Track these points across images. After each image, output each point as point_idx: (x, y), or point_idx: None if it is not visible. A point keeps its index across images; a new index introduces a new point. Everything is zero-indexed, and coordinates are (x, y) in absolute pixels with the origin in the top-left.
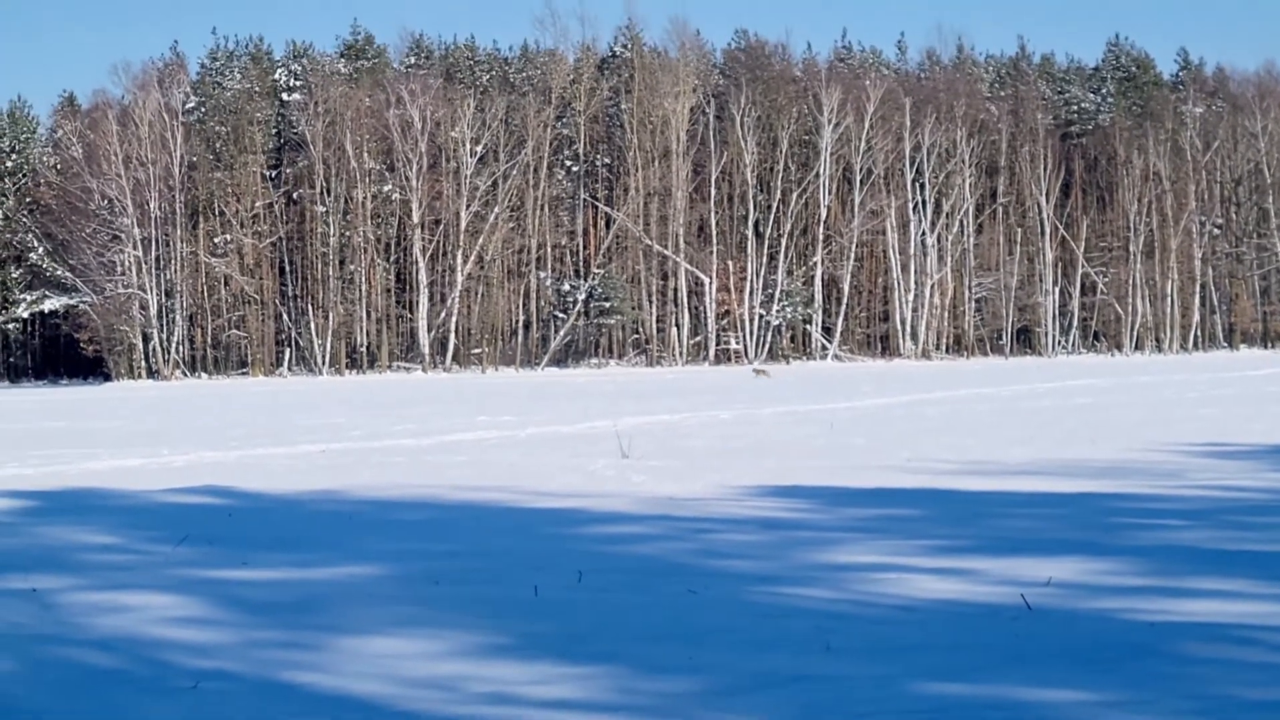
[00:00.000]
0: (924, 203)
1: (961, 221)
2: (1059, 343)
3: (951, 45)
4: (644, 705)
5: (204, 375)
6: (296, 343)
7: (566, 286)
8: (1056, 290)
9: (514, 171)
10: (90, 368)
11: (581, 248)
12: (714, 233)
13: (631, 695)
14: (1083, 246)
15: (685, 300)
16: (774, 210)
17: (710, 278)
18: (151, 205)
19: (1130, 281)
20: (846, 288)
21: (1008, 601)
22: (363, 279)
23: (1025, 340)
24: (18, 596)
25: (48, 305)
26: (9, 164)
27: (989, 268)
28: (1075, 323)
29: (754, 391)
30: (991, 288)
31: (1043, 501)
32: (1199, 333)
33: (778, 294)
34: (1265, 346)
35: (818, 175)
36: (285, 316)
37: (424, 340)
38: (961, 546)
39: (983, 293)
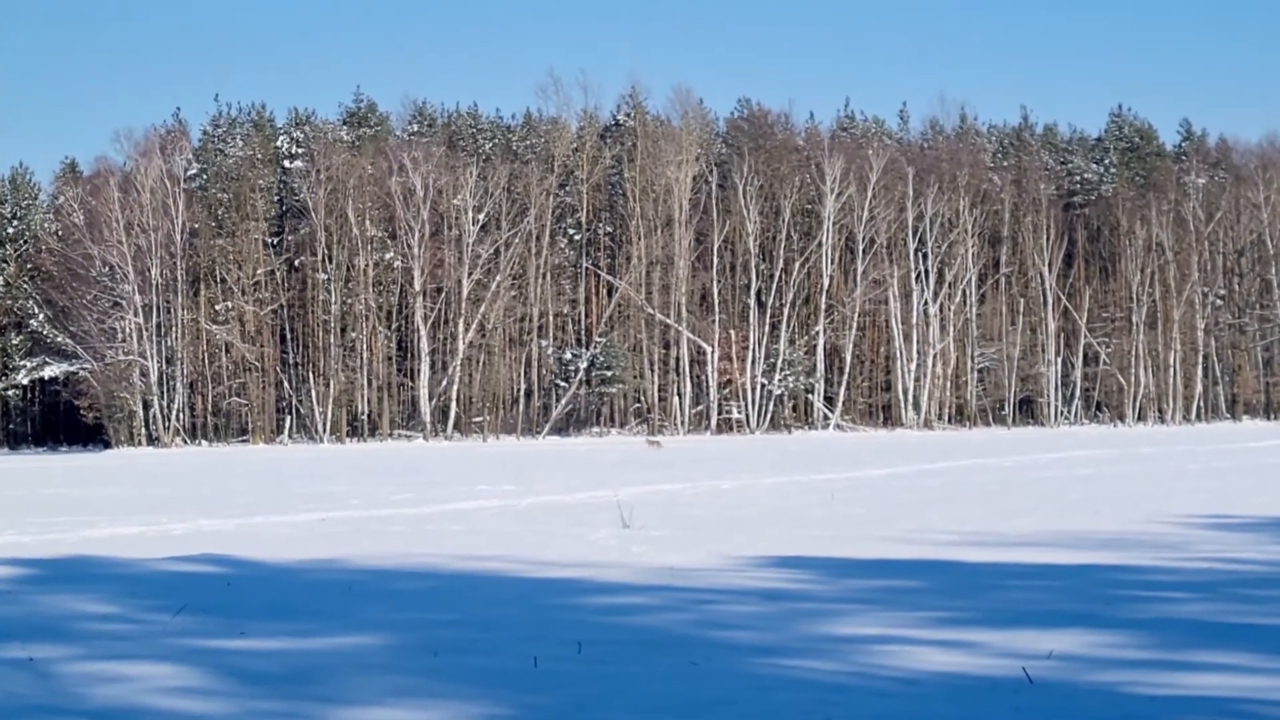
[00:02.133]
0: (926, 272)
1: (964, 291)
2: (1061, 413)
3: (954, 115)
4: None
5: (204, 443)
6: (297, 410)
7: (568, 355)
8: (1059, 360)
9: (516, 240)
10: (90, 435)
11: (583, 316)
12: (716, 301)
13: None
14: (1085, 317)
15: (687, 369)
16: (776, 279)
17: (712, 347)
18: (153, 272)
19: (1133, 352)
20: (849, 357)
21: (1009, 674)
22: (364, 346)
23: (1028, 410)
24: (15, 666)
25: (48, 372)
26: (10, 230)
27: (991, 338)
28: (1078, 393)
29: (754, 461)
30: (994, 358)
31: (1045, 573)
32: (1202, 404)
33: (780, 363)
34: (1268, 418)
35: (820, 244)
36: (286, 384)
37: (425, 408)
38: (963, 618)
39: (985, 363)
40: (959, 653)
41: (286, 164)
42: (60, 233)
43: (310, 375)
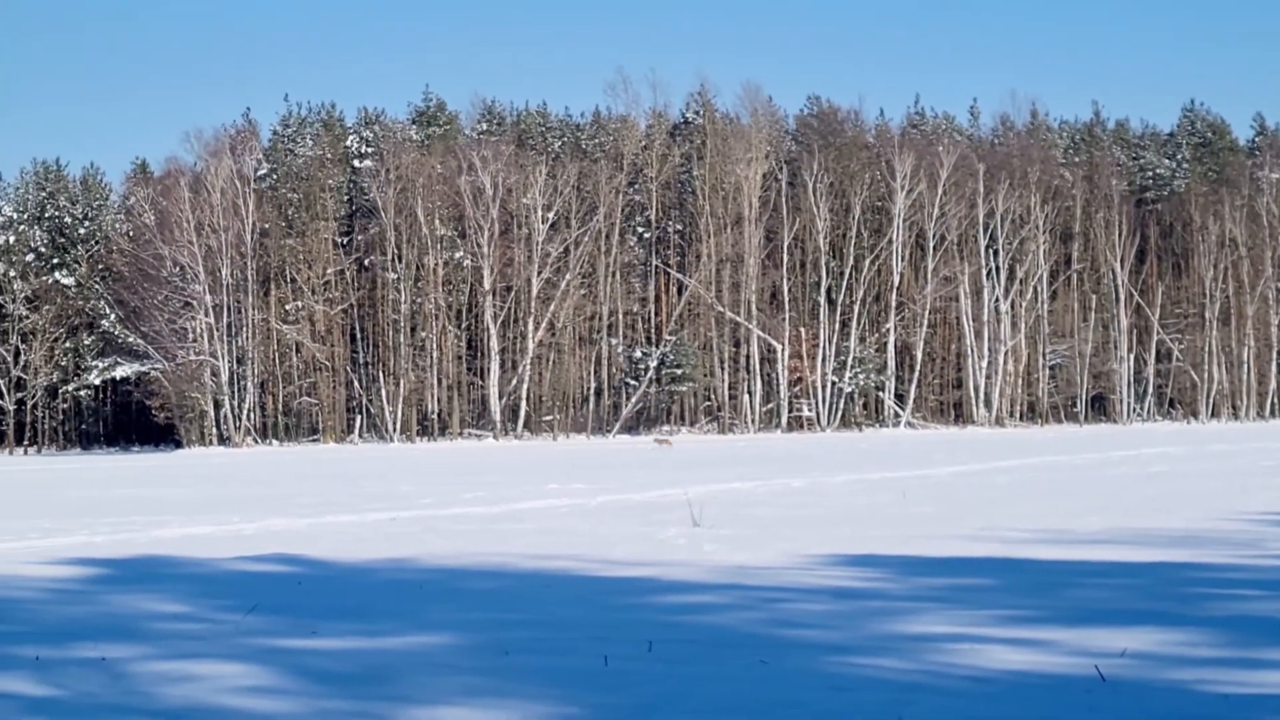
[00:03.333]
0: (997, 269)
1: (1035, 288)
2: (1134, 410)
3: (1025, 111)
4: None
5: (275, 442)
6: (367, 409)
7: (638, 353)
8: (1131, 357)
9: (585, 238)
10: (162, 435)
11: (653, 314)
12: (786, 299)
13: None
14: (1158, 313)
15: (757, 367)
16: (846, 276)
17: (782, 344)
18: (223, 272)
19: (1206, 348)
20: (919, 354)
21: (1081, 673)
22: (434, 346)
23: (1100, 407)
24: (87, 665)
25: (120, 372)
26: (82, 231)
27: (1063, 334)
28: (1150, 390)
29: (821, 460)
30: (1065, 355)
31: (1117, 571)
32: (1276, 400)
33: (850, 361)
34: None
35: (890, 241)
36: (356, 383)
37: (495, 407)
38: (1035, 617)
39: (1056, 360)
40: (1031, 651)
41: (356, 163)
42: (131, 233)
43: (380, 374)
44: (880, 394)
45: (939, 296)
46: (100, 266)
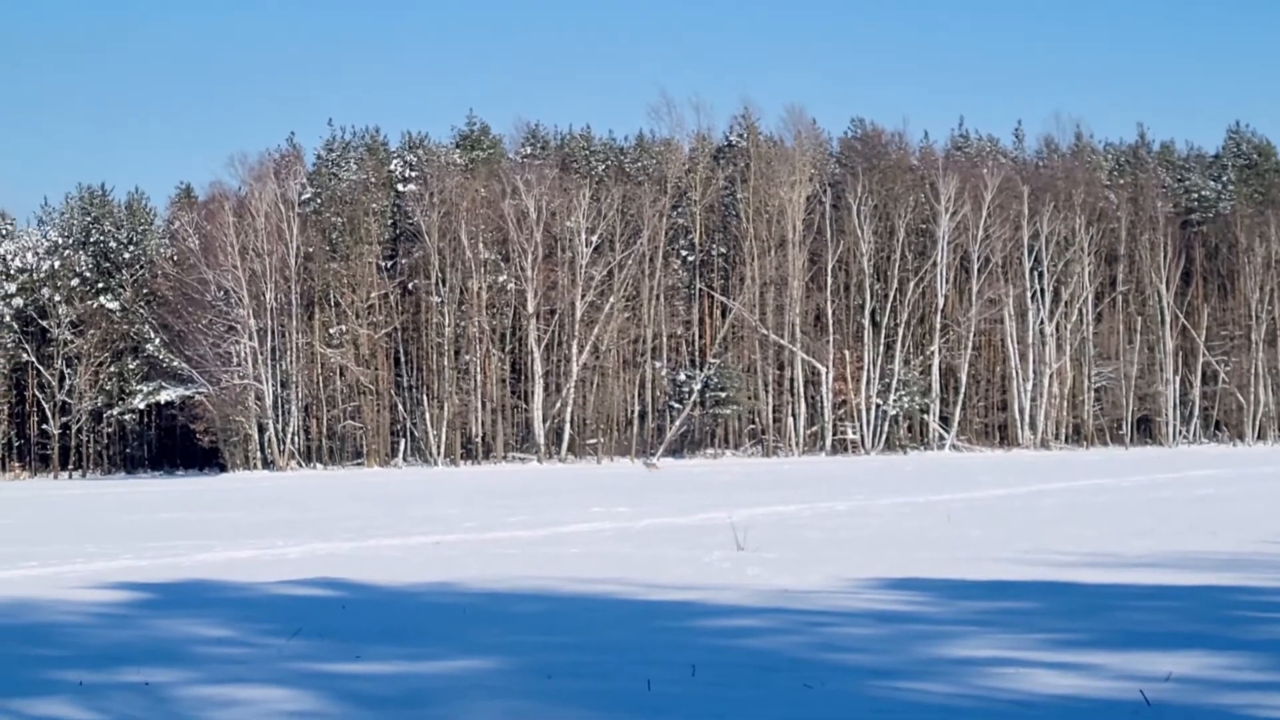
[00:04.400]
0: (1042, 291)
1: (1080, 310)
2: (1180, 432)
3: (1070, 133)
4: None
5: (319, 466)
6: (411, 433)
7: (682, 376)
8: (1177, 379)
9: (629, 261)
10: (206, 458)
11: (697, 337)
12: (830, 322)
13: None
14: (1204, 335)
15: (802, 390)
16: (891, 299)
17: (827, 367)
18: (267, 296)
19: (1252, 370)
20: (964, 377)
21: (1127, 697)
22: (478, 369)
23: (1145, 430)
24: (131, 690)
25: (164, 396)
26: (126, 255)
27: (1108, 356)
28: (1196, 412)
29: (866, 483)
30: (1111, 377)
31: (1163, 594)
32: None
33: (895, 383)
34: None
35: (935, 264)
36: (400, 407)
37: (539, 430)
38: (1080, 640)
39: (1102, 382)
40: (1076, 675)
41: (400, 187)
42: (176, 257)
43: (424, 398)
44: (925, 416)
45: (984, 319)
46: (145, 291)
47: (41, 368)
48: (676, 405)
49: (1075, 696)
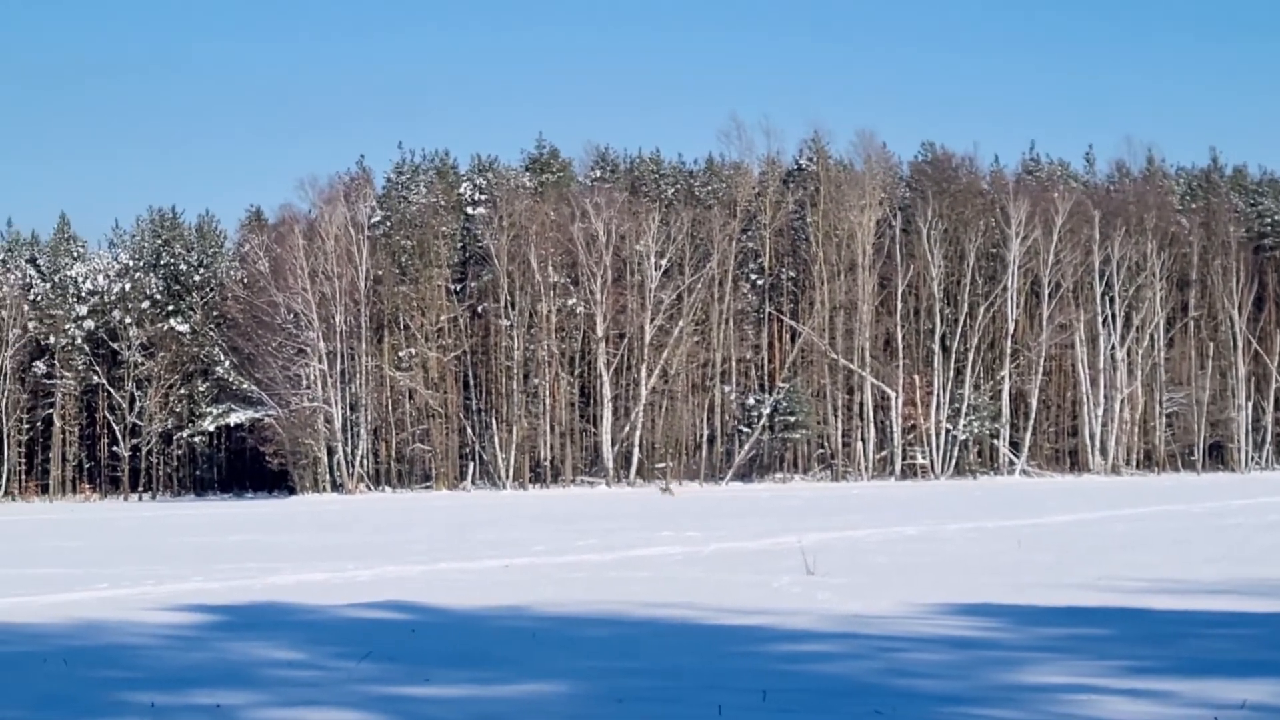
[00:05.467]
0: (1113, 316)
1: (1152, 335)
2: (1252, 458)
3: (1141, 157)
4: None
5: (388, 489)
6: (480, 456)
7: (751, 400)
8: (1249, 405)
9: (699, 285)
10: (275, 481)
11: (766, 361)
12: (900, 346)
13: None
14: (1277, 360)
15: (871, 414)
16: (961, 323)
17: (896, 392)
18: (337, 319)
19: None
20: (1034, 402)
21: None
22: (546, 393)
23: (1218, 456)
24: (203, 712)
25: (234, 419)
26: (197, 278)
27: (1180, 382)
28: (1269, 438)
29: (935, 508)
30: (1183, 402)
31: (1235, 621)
32: None
33: (964, 408)
34: None
35: (1005, 288)
36: (469, 430)
37: (608, 454)
38: (1153, 667)
39: (1173, 407)
40: (1148, 702)
41: (469, 210)
42: (246, 280)
43: (493, 421)
44: (995, 441)
45: (1054, 344)
46: (215, 313)
47: (112, 390)
48: (745, 429)
49: None
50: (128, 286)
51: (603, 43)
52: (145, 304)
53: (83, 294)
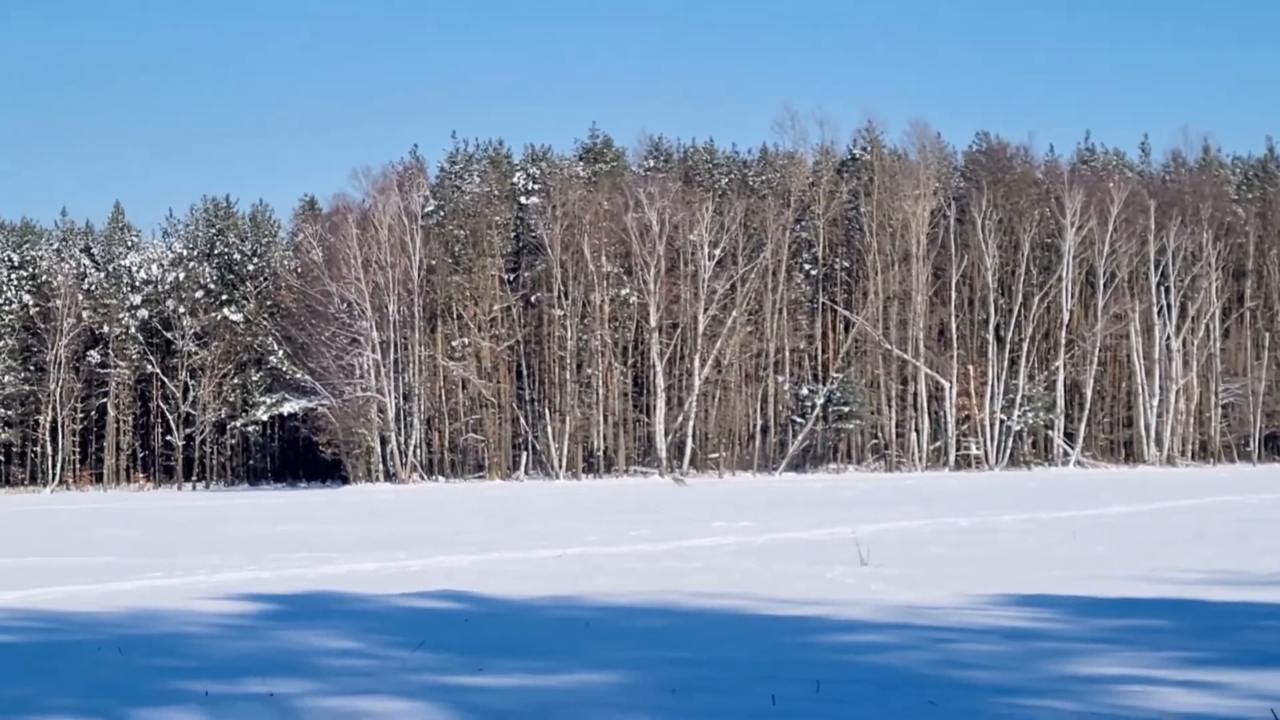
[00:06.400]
0: (1169, 306)
1: (1208, 325)
2: None
3: (1197, 147)
4: None
5: (441, 479)
6: (533, 446)
7: (805, 391)
8: None
9: (752, 275)
10: (329, 470)
11: (820, 351)
12: (954, 336)
13: None
14: None
15: (925, 405)
16: (1015, 313)
17: (950, 382)
18: (390, 308)
19: None
20: (1089, 393)
21: (1258, 716)
22: (600, 383)
23: (1274, 446)
24: (257, 700)
25: (287, 408)
26: (251, 267)
27: (1236, 372)
28: None
29: (990, 499)
30: (1239, 393)
31: None
32: None
33: (1019, 399)
34: None
35: (1060, 278)
36: (522, 420)
37: (661, 444)
38: (1209, 659)
39: (1229, 398)
40: (1205, 694)
41: (523, 200)
42: (299, 269)
43: (546, 411)
44: (1049, 432)
45: (1109, 334)
46: (268, 303)
47: (166, 379)
48: (799, 420)
49: (1205, 715)
50: (182, 276)
51: (657, 32)
52: (199, 293)
53: (137, 283)
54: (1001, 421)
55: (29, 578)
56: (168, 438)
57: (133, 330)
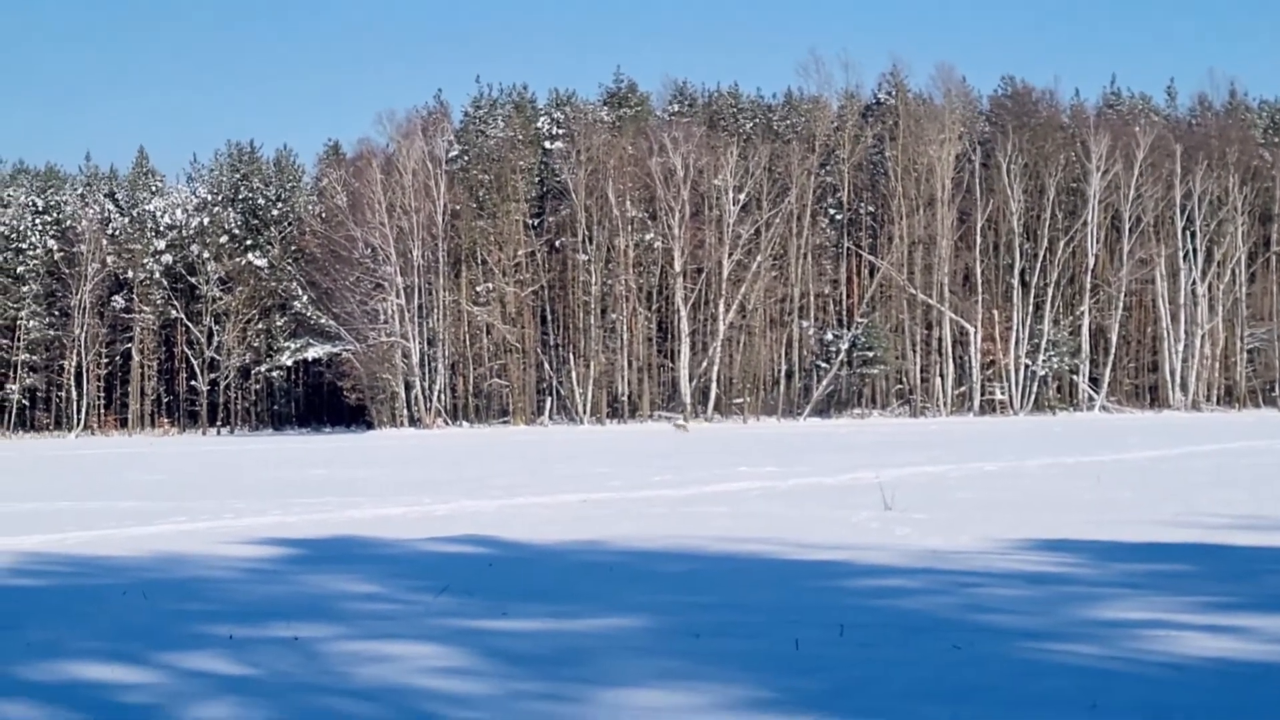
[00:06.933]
0: (1194, 251)
1: (1233, 270)
2: None
3: (1224, 91)
4: None
5: (465, 424)
6: (558, 391)
7: (829, 336)
8: None
9: (777, 219)
10: (353, 416)
11: (844, 296)
12: (979, 281)
13: None
14: None
15: (949, 350)
16: (1040, 258)
17: (975, 327)
18: (414, 254)
19: None
20: (1114, 337)
21: None
22: (624, 328)
23: None
24: (281, 644)
25: (311, 353)
26: (275, 213)
27: (1262, 317)
28: None
29: (1015, 444)
30: (1264, 338)
31: None
32: None
33: (1044, 344)
34: None
35: (1085, 223)
36: (547, 365)
37: (685, 389)
38: (1234, 603)
39: (1255, 343)
40: (1230, 638)
41: (547, 145)
42: (324, 214)
43: (570, 356)
44: (1074, 377)
45: (1135, 279)
46: (293, 248)
47: (190, 324)
48: (823, 365)
49: (1230, 660)
50: (206, 221)
51: None
52: (223, 238)
53: (161, 228)
54: (1026, 366)
55: (56, 522)
56: (192, 383)
57: (157, 275)
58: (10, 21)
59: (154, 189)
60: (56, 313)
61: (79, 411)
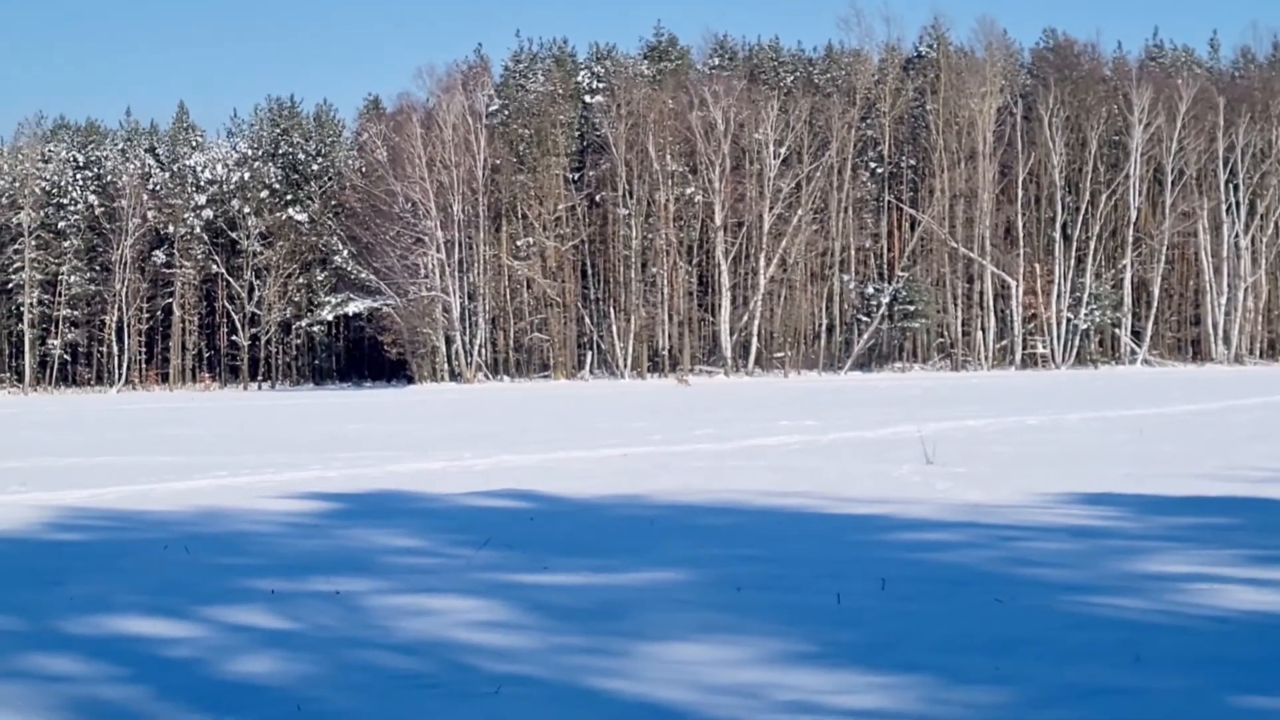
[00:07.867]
0: (1237, 204)
1: (1276, 223)
2: None
3: (1267, 43)
4: (949, 716)
5: (505, 378)
6: (598, 346)
7: (870, 290)
8: None
9: (817, 173)
10: (393, 370)
11: (885, 250)
12: (1020, 235)
13: (936, 705)
14: None
15: (991, 304)
16: (1082, 212)
17: (1017, 281)
18: (455, 208)
19: None
20: (1156, 291)
21: None
22: (664, 282)
23: None
24: (322, 598)
25: (352, 308)
26: (315, 167)
27: None
28: None
29: (1056, 398)
30: None
31: None
32: None
33: (1086, 297)
34: None
35: (1127, 176)
36: (587, 319)
37: (726, 344)
38: (1276, 557)
39: None
40: (1273, 591)
41: (587, 99)
42: (364, 169)
43: (611, 311)
44: (1116, 331)
45: (1177, 232)
46: (333, 203)
47: (231, 279)
48: (864, 319)
49: (1273, 613)
50: (246, 176)
51: None
52: (264, 193)
53: (201, 183)
54: (1068, 320)
55: (98, 476)
56: (233, 338)
57: (198, 230)
58: None
59: (194, 144)
60: (98, 268)
61: (120, 366)
